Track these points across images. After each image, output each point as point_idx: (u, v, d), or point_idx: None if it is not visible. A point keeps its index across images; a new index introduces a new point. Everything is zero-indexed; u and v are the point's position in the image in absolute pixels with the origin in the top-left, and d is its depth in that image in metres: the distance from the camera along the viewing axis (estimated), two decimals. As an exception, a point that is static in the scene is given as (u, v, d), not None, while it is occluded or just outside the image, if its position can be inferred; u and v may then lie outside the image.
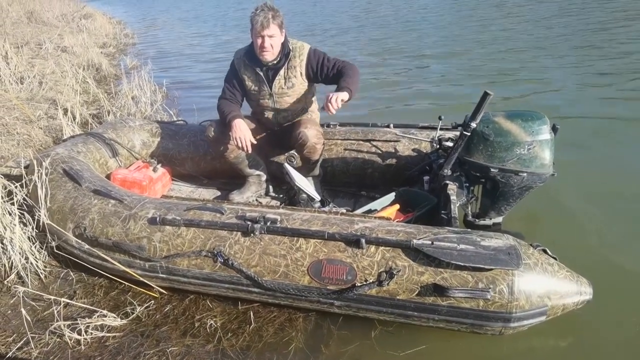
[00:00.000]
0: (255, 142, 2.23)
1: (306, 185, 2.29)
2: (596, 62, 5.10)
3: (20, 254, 2.07)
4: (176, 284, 1.86)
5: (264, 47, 2.12)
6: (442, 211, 1.89)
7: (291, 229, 1.66)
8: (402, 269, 1.51)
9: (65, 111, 3.77)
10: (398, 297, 1.53)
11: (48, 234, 2.09)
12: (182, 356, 1.67)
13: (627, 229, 2.23)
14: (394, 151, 2.44)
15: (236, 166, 2.47)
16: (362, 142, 2.51)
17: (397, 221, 1.90)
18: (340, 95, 1.99)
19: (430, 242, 1.49)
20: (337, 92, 2.01)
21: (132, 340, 1.75)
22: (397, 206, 2.12)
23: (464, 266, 1.45)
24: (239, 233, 1.71)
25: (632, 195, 2.50)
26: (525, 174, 1.80)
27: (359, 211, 2.16)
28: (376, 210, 2.16)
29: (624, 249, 2.09)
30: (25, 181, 2.23)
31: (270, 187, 2.61)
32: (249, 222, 1.69)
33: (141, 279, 1.89)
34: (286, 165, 2.33)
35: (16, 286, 2.01)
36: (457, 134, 1.97)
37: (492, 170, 1.82)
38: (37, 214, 2.05)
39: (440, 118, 2.35)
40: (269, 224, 1.68)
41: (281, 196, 2.57)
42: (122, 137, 2.72)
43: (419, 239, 1.52)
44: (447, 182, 1.95)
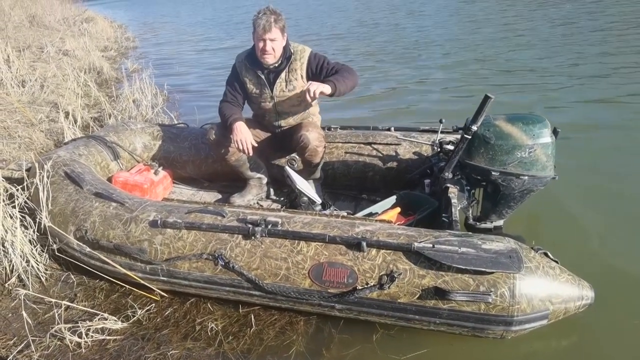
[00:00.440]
0: (256, 145, 2.24)
1: (307, 188, 2.29)
2: (599, 66, 5.09)
3: (21, 256, 2.07)
4: (177, 287, 1.86)
5: (265, 50, 2.13)
6: (443, 214, 1.89)
7: (292, 232, 1.66)
8: (403, 272, 1.51)
9: (67, 114, 3.78)
10: (399, 301, 1.52)
11: (49, 236, 2.09)
12: (183, 359, 1.67)
13: (629, 233, 2.23)
14: (395, 154, 2.45)
15: (237, 169, 2.47)
16: (363, 145, 2.51)
17: (398, 224, 1.90)
18: (321, 87, 2.00)
19: (431, 246, 1.49)
20: (320, 84, 2.02)
21: (133, 343, 1.75)
22: (398, 209, 2.12)
23: (465, 269, 1.45)
24: (240, 236, 1.71)
25: (633, 199, 2.50)
26: (526, 177, 1.80)
27: (360, 214, 2.16)
28: (377, 213, 2.16)
29: (626, 252, 2.09)
30: (26, 184, 2.24)
31: (272, 190, 2.61)
32: (249, 225, 1.69)
33: (142, 281, 1.89)
34: (287, 168, 2.33)
35: (17, 289, 2.01)
36: (458, 137, 1.98)
37: (493, 173, 1.82)
38: (38, 217, 2.05)
39: (441, 121, 2.35)
40: (269, 227, 1.68)
41: (282, 199, 2.57)
42: (123, 140, 2.72)
43: (420, 242, 1.52)
44: (448, 185, 1.95)
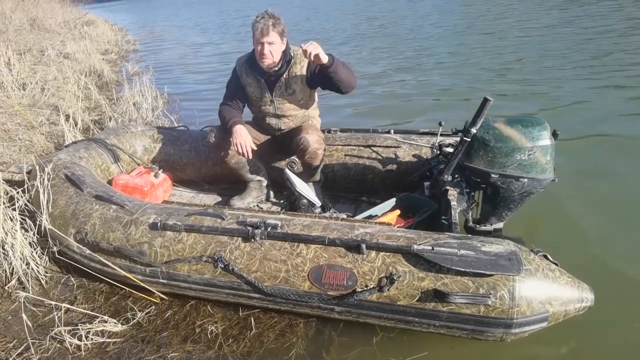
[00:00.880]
0: (256, 148, 2.24)
1: (307, 190, 2.29)
2: (600, 68, 5.10)
3: (21, 259, 2.07)
4: (177, 289, 1.86)
5: (263, 54, 2.14)
6: (443, 217, 1.89)
7: (292, 234, 1.66)
8: (402, 274, 1.51)
9: (67, 117, 3.79)
10: (399, 303, 1.52)
11: (49, 239, 2.09)
12: (182, 362, 1.67)
13: (629, 235, 2.23)
14: (394, 157, 2.45)
15: (237, 172, 2.47)
16: (362, 147, 2.52)
17: (398, 227, 1.90)
18: (319, 50, 1.97)
19: (430, 248, 1.49)
20: (320, 49, 1.99)
21: (133, 346, 1.75)
22: (397, 212, 2.12)
23: (465, 272, 1.45)
24: (240, 238, 1.71)
25: (633, 201, 2.50)
26: (525, 179, 1.80)
27: (359, 217, 2.17)
28: (377, 215, 2.16)
29: (626, 254, 2.09)
30: (27, 187, 2.24)
31: (271, 192, 2.61)
32: (249, 228, 1.69)
33: (142, 284, 1.89)
34: (287, 170, 2.33)
35: (17, 292, 2.02)
36: (458, 139, 1.98)
37: (492, 175, 1.82)
38: (38, 220, 2.05)
39: (440, 124, 2.36)
40: (269, 229, 1.68)
41: (282, 202, 2.58)
42: (123, 142, 2.73)
43: (420, 244, 1.52)
44: (448, 187, 1.95)
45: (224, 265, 1.68)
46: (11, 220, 2.08)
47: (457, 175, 1.99)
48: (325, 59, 2.02)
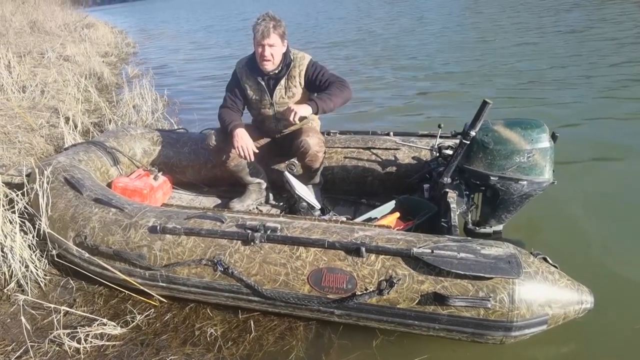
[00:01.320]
0: (257, 151, 2.24)
1: (306, 193, 2.29)
2: (601, 70, 5.09)
3: (20, 262, 2.06)
4: (176, 292, 1.86)
5: (264, 56, 2.14)
6: (442, 219, 1.89)
7: (291, 237, 1.66)
8: (402, 277, 1.51)
9: (67, 120, 3.80)
10: (398, 306, 1.52)
11: (49, 242, 2.09)
12: (181, 365, 1.67)
13: (628, 237, 2.23)
14: (394, 159, 2.45)
15: (237, 174, 2.47)
16: (362, 150, 2.52)
17: (398, 229, 1.90)
18: (299, 112, 2.03)
19: (430, 251, 1.49)
20: (298, 106, 2.06)
21: (132, 349, 1.75)
22: (397, 214, 2.12)
23: (464, 275, 1.44)
24: (239, 242, 1.71)
25: (633, 203, 2.50)
26: (525, 181, 1.80)
27: (359, 219, 2.16)
28: (376, 218, 2.16)
29: (625, 256, 2.09)
30: (26, 189, 2.24)
31: (271, 195, 2.61)
32: (249, 231, 1.69)
33: (141, 287, 1.89)
34: (286, 173, 2.33)
35: (16, 294, 2.01)
36: (457, 142, 1.98)
37: (491, 178, 1.82)
38: (37, 223, 2.05)
39: (439, 126, 2.36)
40: (269, 232, 1.68)
41: (281, 204, 2.57)
42: (123, 145, 2.73)
43: (419, 247, 1.52)
44: (447, 190, 1.95)
45: (223, 269, 1.68)
46: (10, 223, 2.08)
47: (456, 178, 2.00)
48: (309, 112, 2.06)
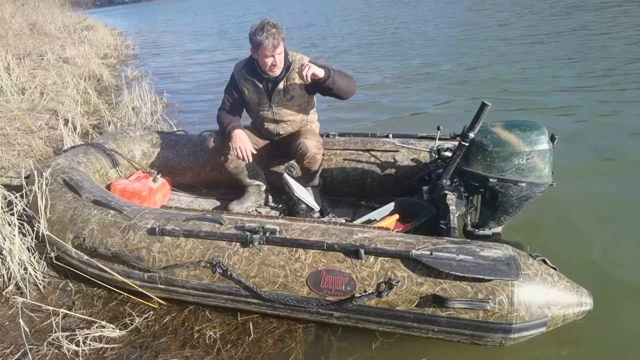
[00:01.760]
0: (255, 152, 2.24)
1: (305, 195, 2.29)
2: (601, 73, 5.08)
3: (19, 264, 2.06)
4: (175, 294, 1.86)
5: (275, 65, 2.15)
6: (442, 221, 1.89)
7: (290, 239, 1.66)
8: (401, 279, 1.51)
9: (66, 122, 3.79)
10: (397, 308, 1.52)
11: (47, 244, 2.09)
12: (180, 368, 1.66)
13: (627, 239, 2.23)
14: (393, 161, 2.45)
15: (236, 176, 2.47)
16: (361, 152, 2.52)
17: (397, 231, 1.90)
18: (314, 69, 2.02)
19: (429, 253, 1.49)
20: (314, 66, 2.04)
21: (131, 351, 1.74)
22: (396, 216, 2.12)
23: (463, 277, 1.44)
24: (238, 244, 1.71)
25: (633, 205, 2.50)
26: (524, 183, 1.80)
27: (358, 221, 2.16)
28: (375, 220, 2.16)
29: (624, 258, 2.09)
30: (25, 191, 2.24)
31: (270, 197, 2.61)
32: (248, 233, 1.69)
33: (140, 289, 1.88)
34: (285, 175, 2.33)
35: (15, 297, 2.01)
36: (456, 144, 1.99)
37: (490, 180, 1.82)
38: (36, 225, 2.05)
39: (438, 128, 2.35)
40: (268, 234, 1.68)
41: (280, 206, 2.57)
42: (122, 147, 2.73)
43: (418, 249, 1.52)
44: (446, 192, 1.95)
45: (222, 271, 1.68)
46: (9, 225, 2.08)
47: (455, 180, 2.00)
48: (321, 73, 2.04)
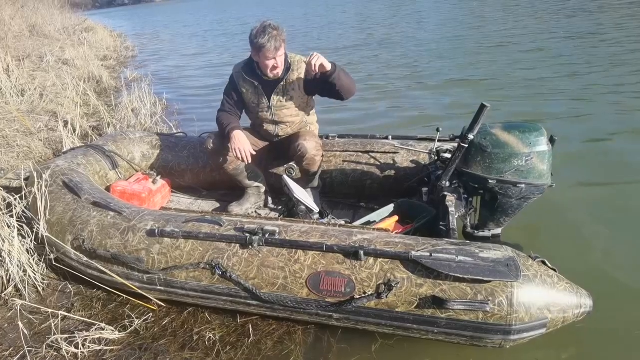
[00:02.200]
0: (254, 153, 2.24)
1: (305, 196, 2.29)
2: (604, 74, 5.07)
3: (18, 266, 2.06)
4: (174, 296, 1.85)
5: (277, 67, 2.16)
6: (441, 223, 1.89)
7: (290, 241, 1.66)
8: (400, 281, 1.50)
9: (66, 123, 3.80)
10: (397, 310, 1.52)
11: (47, 246, 2.08)
12: (180, 370, 1.66)
13: (628, 241, 2.23)
14: (392, 163, 2.45)
15: (235, 178, 2.47)
16: (360, 153, 2.52)
17: (396, 233, 1.90)
18: (322, 60, 2.03)
19: (428, 254, 1.49)
20: (323, 58, 2.05)
21: (130, 353, 1.74)
22: (396, 217, 2.12)
23: (463, 278, 1.44)
24: (238, 245, 1.71)
25: (632, 207, 2.50)
26: (523, 185, 1.80)
27: (357, 223, 2.16)
28: (375, 221, 2.16)
29: (624, 260, 2.08)
30: (24, 193, 2.24)
31: (269, 198, 2.61)
32: (247, 234, 1.69)
33: (139, 291, 1.88)
34: (285, 177, 2.33)
35: (14, 299, 2.00)
36: (455, 145, 1.99)
37: (490, 181, 1.82)
38: (36, 227, 2.05)
39: (438, 130, 2.36)
40: (267, 235, 1.67)
41: (280, 208, 2.57)
42: (122, 149, 2.73)
43: (418, 250, 1.52)
44: (446, 193, 1.95)
45: (221, 272, 1.68)
46: (8, 227, 2.08)
47: (455, 181, 2.00)
48: (329, 66, 2.06)
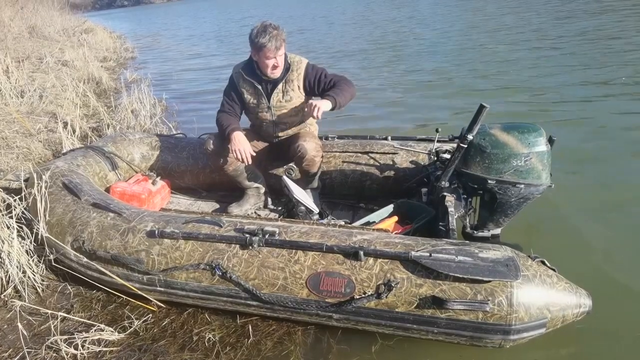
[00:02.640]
0: (254, 154, 2.25)
1: (305, 197, 2.30)
2: (605, 75, 5.07)
3: (17, 267, 2.06)
4: (174, 297, 1.85)
5: (276, 66, 2.17)
6: (440, 223, 1.89)
7: (289, 241, 1.66)
8: (400, 281, 1.51)
9: (65, 124, 3.80)
10: (397, 310, 1.52)
11: (46, 247, 2.08)
12: (179, 371, 1.66)
13: (627, 241, 2.23)
14: (392, 163, 2.46)
15: (235, 179, 2.47)
16: (360, 154, 2.53)
17: (396, 233, 1.90)
18: (321, 106, 2.04)
19: (428, 254, 1.49)
20: (319, 101, 2.06)
21: (130, 354, 1.74)
22: (395, 218, 2.12)
23: (463, 278, 1.44)
24: (237, 246, 1.71)
25: (632, 207, 2.51)
26: (522, 185, 1.81)
27: (357, 223, 2.17)
28: (375, 222, 2.16)
29: (622, 258, 2.09)
30: (24, 194, 2.24)
31: (269, 199, 2.61)
32: (247, 235, 1.69)
33: (139, 292, 1.88)
34: (285, 177, 2.33)
35: (13, 300, 2.00)
36: (454, 146, 1.99)
37: (489, 182, 1.83)
38: (35, 228, 2.05)
39: (437, 130, 2.36)
40: (267, 236, 1.68)
41: (280, 208, 2.57)
42: (121, 150, 2.73)
43: (417, 251, 1.52)
44: (445, 194, 1.96)
45: (221, 273, 1.68)
46: (8, 228, 2.08)
47: (454, 182, 2.00)
48: (328, 107, 2.08)
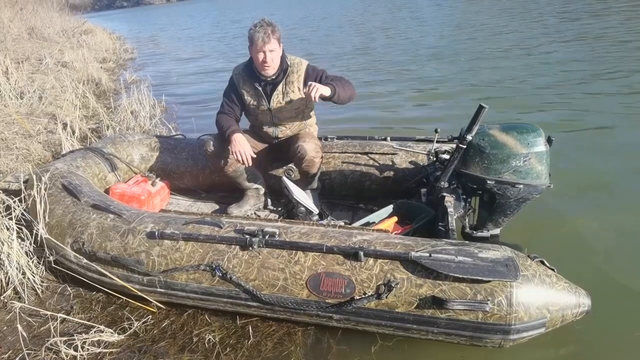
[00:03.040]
0: (254, 156, 2.25)
1: (304, 198, 2.30)
2: (605, 76, 5.09)
3: (17, 269, 2.05)
4: (174, 298, 1.85)
5: (265, 62, 2.16)
6: (440, 223, 1.89)
7: (289, 242, 1.66)
8: (400, 281, 1.51)
9: (65, 126, 3.79)
10: (397, 310, 1.52)
11: (46, 248, 2.08)
12: (180, 372, 1.66)
13: (626, 240, 2.23)
14: (391, 164, 2.46)
15: (235, 180, 2.48)
16: (359, 155, 2.53)
17: (395, 233, 1.90)
18: (319, 88, 2.03)
19: (428, 255, 1.49)
20: (320, 85, 2.06)
21: (130, 356, 1.74)
22: (395, 218, 2.12)
23: (462, 278, 1.45)
24: (237, 247, 1.71)
25: (631, 207, 2.51)
26: (521, 185, 1.81)
27: (357, 224, 2.17)
28: (374, 222, 2.16)
29: (621, 258, 2.09)
30: (24, 196, 2.24)
31: (269, 200, 2.61)
32: (247, 236, 1.69)
33: (139, 293, 1.88)
34: (284, 178, 2.33)
35: (12, 302, 2.00)
36: (454, 146, 1.99)
37: (488, 182, 1.83)
38: (35, 229, 2.05)
39: (436, 131, 2.37)
40: (267, 237, 1.68)
41: (279, 209, 2.58)
42: (121, 151, 2.73)
43: (417, 251, 1.52)
44: (445, 194, 1.96)
45: (221, 274, 1.68)
46: (7, 229, 2.07)
47: (453, 182, 2.00)
48: (327, 92, 2.07)
